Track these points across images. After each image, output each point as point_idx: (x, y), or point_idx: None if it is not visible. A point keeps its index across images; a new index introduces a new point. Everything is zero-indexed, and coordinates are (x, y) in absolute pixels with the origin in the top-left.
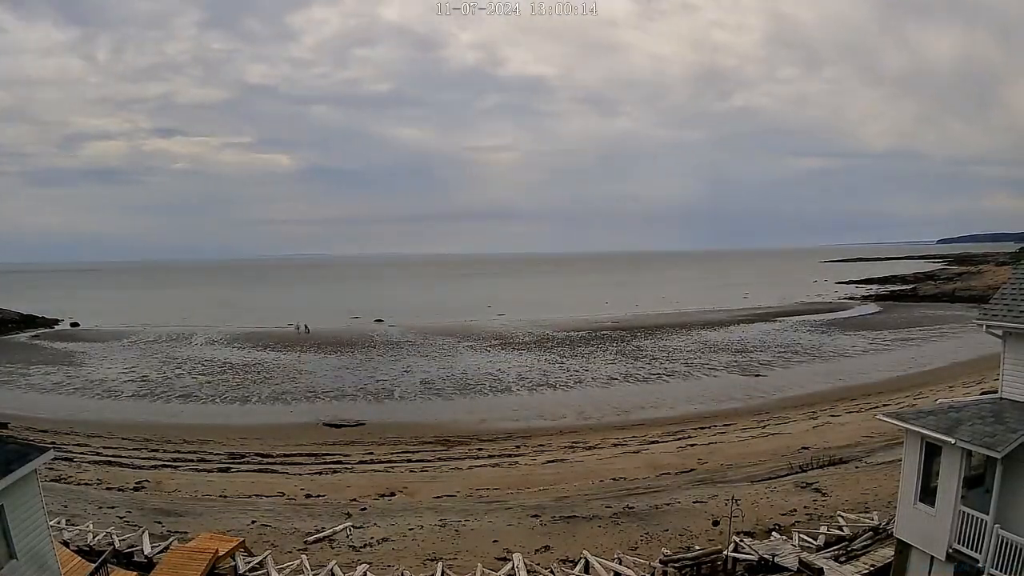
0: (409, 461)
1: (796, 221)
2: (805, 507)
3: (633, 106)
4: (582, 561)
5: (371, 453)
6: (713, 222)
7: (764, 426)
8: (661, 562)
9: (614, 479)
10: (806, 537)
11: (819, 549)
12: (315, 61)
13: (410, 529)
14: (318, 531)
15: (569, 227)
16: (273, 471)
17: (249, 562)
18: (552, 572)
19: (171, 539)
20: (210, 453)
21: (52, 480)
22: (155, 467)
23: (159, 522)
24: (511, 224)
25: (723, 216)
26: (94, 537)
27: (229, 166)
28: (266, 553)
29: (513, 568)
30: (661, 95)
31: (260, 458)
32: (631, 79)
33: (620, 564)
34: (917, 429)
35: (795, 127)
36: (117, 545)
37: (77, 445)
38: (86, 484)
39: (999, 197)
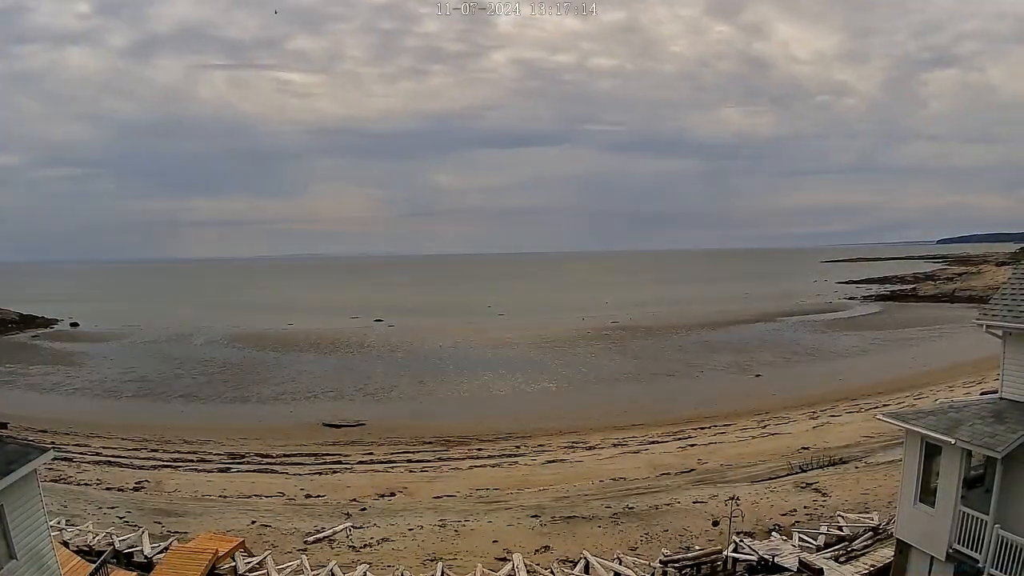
0: (409, 461)
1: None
2: (805, 507)
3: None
4: (582, 561)
5: (371, 453)
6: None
7: (764, 426)
8: (661, 562)
9: (614, 479)
10: (806, 537)
11: (819, 549)
12: None
13: (410, 529)
14: (318, 531)
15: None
16: (273, 471)
17: (249, 562)
18: (552, 572)
19: (171, 539)
20: (210, 453)
21: (52, 480)
22: (155, 467)
23: (159, 522)
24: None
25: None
26: (94, 537)
27: None
28: (266, 553)
29: (513, 568)
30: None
31: (260, 458)
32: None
33: (620, 564)
34: (917, 429)
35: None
36: (117, 545)
37: (77, 445)
38: (86, 484)
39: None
